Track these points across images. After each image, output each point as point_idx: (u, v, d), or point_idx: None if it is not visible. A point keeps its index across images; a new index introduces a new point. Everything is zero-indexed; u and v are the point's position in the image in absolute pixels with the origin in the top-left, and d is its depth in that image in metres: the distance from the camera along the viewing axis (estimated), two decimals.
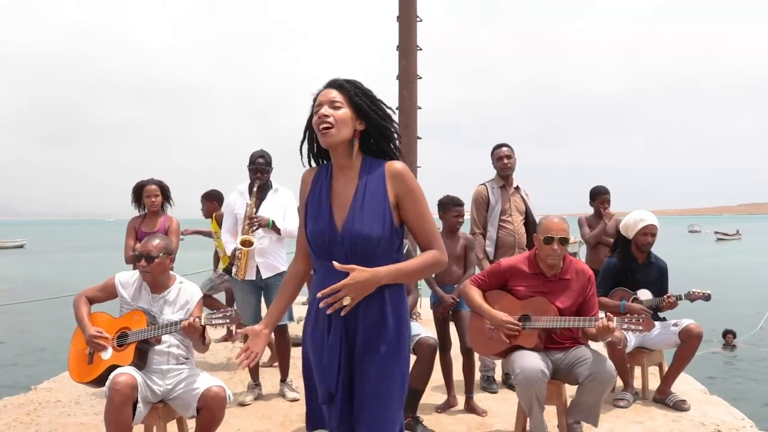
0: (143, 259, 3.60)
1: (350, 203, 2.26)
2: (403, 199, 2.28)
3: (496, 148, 5.41)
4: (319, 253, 2.30)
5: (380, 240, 2.23)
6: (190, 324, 3.32)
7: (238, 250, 4.85)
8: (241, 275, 4.88)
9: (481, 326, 3.89)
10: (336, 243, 2.24)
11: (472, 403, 4.64)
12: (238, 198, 5.06)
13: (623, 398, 4.68)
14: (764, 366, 11.07)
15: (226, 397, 3.47)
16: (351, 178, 2.30)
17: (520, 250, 5.17)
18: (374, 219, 2.23)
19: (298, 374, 5.52)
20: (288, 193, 5.16)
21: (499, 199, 5.30)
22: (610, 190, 6.23)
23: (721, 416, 4.44)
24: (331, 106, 2.24)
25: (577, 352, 3.73)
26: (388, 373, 2.25)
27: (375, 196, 2.25)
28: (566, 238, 3.75)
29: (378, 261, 2.22)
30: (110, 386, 3.25)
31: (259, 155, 5.00)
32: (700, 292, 4.68)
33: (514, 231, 5.24)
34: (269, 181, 5.07)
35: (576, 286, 3.79)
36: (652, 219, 4.80)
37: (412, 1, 8.43)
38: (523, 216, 5.34)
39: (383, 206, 2.25)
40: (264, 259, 4.93)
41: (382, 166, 2.30)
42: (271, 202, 5.00)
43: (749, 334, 12.64)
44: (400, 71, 8.40)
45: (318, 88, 2.33)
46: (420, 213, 2.30)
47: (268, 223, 4.86)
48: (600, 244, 6.07)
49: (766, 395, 9.16)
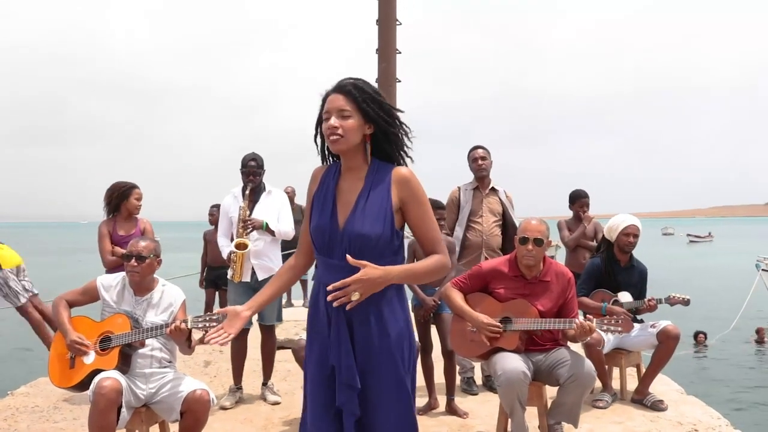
0: (134, 259, 3.58)
1: (354, 203, 2.32)
2: (408, 204, 2.33)
3: (471, 150, 5.46)
4: (320, 248, 2.36)
5: (379, 239, 2.27)
6: (176, 327, 3.31)
7: (233, 254, 4.86)
8: (237, 278, 4.90)
9: (463, 328, 3.93)
10: (336, 240, 2.30)
11: (453, 405, 4.67)
12: (232, 201, 5.07)
13: (602, 399, 4.75)
14: (734, 365, 11.29)
15: (210, 401, 3.47)
16: (358, 180, 2.35)
17: (489, 251, 5.22)
18: (375, 219, 2.27)
19: (280, 378, 5.56)
20: (281, 194, 5.18)
21: (469, 200, 5.34)
22: (573, 191, 6.34)
23: (697, 416, 4.52)
24: (339, 115, 2.26)
25: (557, 354, 3.78)
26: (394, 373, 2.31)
27: (378, 198, 2.30)
28: (541, 239, 3.80)
29: (376, 261, 2.25)
30: (95, 390, 3.23)
31: (250, 158, 5.02)
32: (679, 296, 4.78)
33: (482, 232, 5.27)
34: (262, 183, 5.09)
35: (556, 288, 3.84)
36: (633, 220, 4.92)
37: (392, 4, 8.46)
38: (498, 218, 5.36)
39: (385, 208, 2.29)
40: (259, 260, 4.93)
41: (389, 170, 2.35)
42: (264, 204, 5.02)
43: (720, 334, 12.87)
44: (380, 74, 8.43)
45: (326, 88, 2.34)
46: (424, 218, 2.35)
47: (262, 225, 4.88)
48: (579, 247, 6.13)
49: (736, 393, 9.35)
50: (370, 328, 2.29)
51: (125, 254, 3.66)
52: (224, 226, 5.11)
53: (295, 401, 4.96)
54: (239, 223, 4.90)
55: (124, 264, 3.65)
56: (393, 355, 2.31)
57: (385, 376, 2.30)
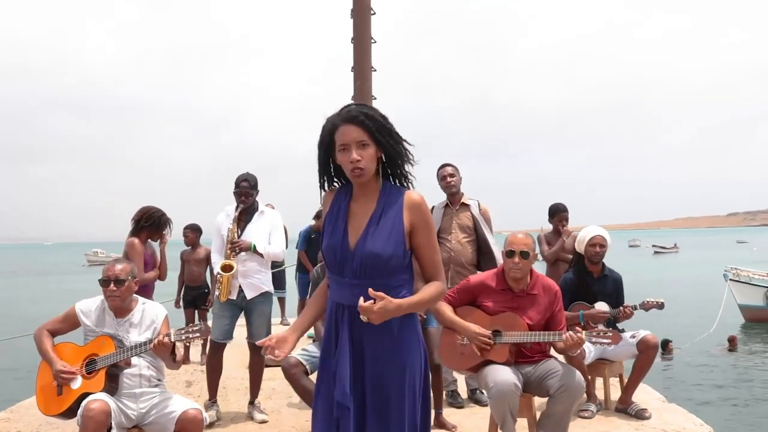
0: (112, 283, 3.57)
1: (366, 224, 2.35)
2: (418, 229, 2.38)
3: (439, 168, 5.54)
4: (332, 267, 2.40)
5: (391, 258, 2.31)
6: (159, 342, 3.29)
7: (219, 275, 4.84)
8: (223, 298, 4.87)
9: (453, 341, 3.96)
10: (347, 260, 2.33)
11: (441, 419, 4.69)
12: (225, 219, 5.05)
13: (587, 409, 4.82)
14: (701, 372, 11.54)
15: (203, 420, 3.46)
16: (370, 201, 2.39)
17: (457, 266, 5.29)
18: (387, 240, 2.32)
19: (265, 396, 5.53)
20: (274, 214, 5.18)
21: (439, 218, 5.42)
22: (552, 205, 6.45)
23: (680, 422, 4.62)
24: (358, 147, 2.30)
25: (546, 365, 3.83)
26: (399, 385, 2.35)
27: (391, 220, 2.35)
28: (527, 251, 3.87)
29: (387, 279, 2.31)
30: (83, 414, 3.21)
31: (243, 179, 5.00)
32: (653, 301, 4.87)
33: (450, 249, 5.33)
34: (255, 202, 5.07)
35: (543, 300, 3.91)
36: (599, 231, 5.04)
37: (367, 23, 8.51)
38: (469, 234, 5.41)
39: (398, 230, 2.34)
40: (247, 280, 4.91)
41: (401, 194, 2.40)
42: (256, 225, 5.00)
43: (692, 341, 13.11)
44: (356, 92, 8.47)
45: (332, 116, 2.37)
46: (431, 244, 2.42)
47: (250, 247, 4.86)
48: (559, 261, 6.24)
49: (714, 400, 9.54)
50: (382, 345, 2.34)
51: (102, 279, 3.62)
52: (217, 243, 5.08)
53: (282, 420, 4.95)
54: (227, 244, 4.89)
55: (103, 289, 3.62)
56: (409, 369, 2.36)
57: (398, 389, 2.33)
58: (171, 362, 3.54)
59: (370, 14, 7.81)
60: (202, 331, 3.41)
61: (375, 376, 2.34)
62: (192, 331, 3.42)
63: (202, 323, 3.49)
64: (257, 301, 4.95)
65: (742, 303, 16.92)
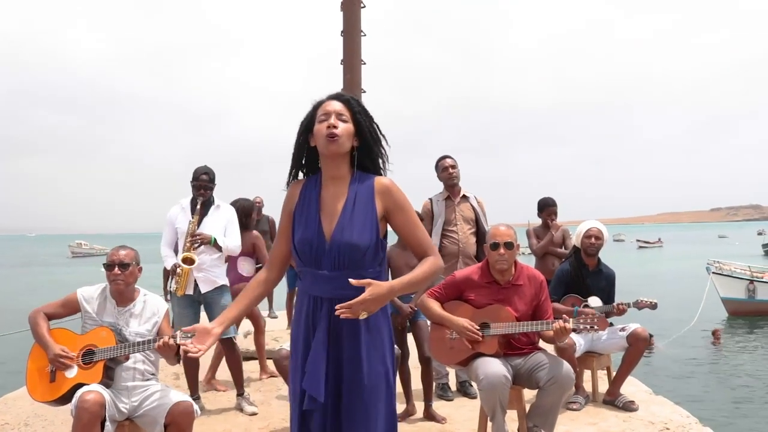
0: (116, 267, 3.55)
1: (339, 213, 2.32)
2: (393, 212, 2.37)
3: (440, 159, 5.54)
4: (307, 260, 2.34)
5: (367, 249, 2.29)
6: (165, 343, 3.27)
7: (179, 267, 4.80)
8: (181, 292, 4.84)
9: (442, 336, 3.98)
10: (324, 251, 2.29)
11: (431, 411, 4.72)
12: (180, 212, 5.01)
13: (575, 401, 4.86)
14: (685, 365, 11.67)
15: (195, 412, 3.45)
16: (341, 189, 2.36)
17: (465, 258, 5.30)
18: (362, 228, 2.29)
19: (254, 389, 5.52)
20: (229, 209, 5.16)
21: (443, 210, 5.43)
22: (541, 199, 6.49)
23: (667, 414, 4.67)
24: (338, 117, 2.30)
25: (536, 357, 3.86)
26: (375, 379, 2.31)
27: (364, 207, 2.32)
28: (511, 242, 3.91)
29: (364, 270, 2.28)
30: (77, 404, 3.18)
31: (203, 172, 4.99)
32: (647, 301, 4.91)
33: (458, 240, 5.35)
34: (212, 197, 5.05)
35: (529, 291, 3.94)
36: (594, 224, 5.11)
37: (356, 16, 8.50)
38: (472, 225, 5.45)
39: (371, 217, 2.32)
40: (203, 273, 4.89)
41: (371, 180, 2.38)
42: (213, 218, 4.98)
43: (677, 335, 13.23)
44: (345, 85, 8.45)
45: (319, 97, 2.38)
46: (411, 223, 2.40)
47: (210, 240, 4.84)
48: (548, 254, 6.28)
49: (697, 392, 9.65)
50: (360, 338, 2.30)
51: (106, 264, 3.60)
52: (169, 236, 5.03)
53: (272, 411, 4.95)
54: (187, 236, 4.84)
55: (107, 273, 3.60)
56: (385, 363, 2.35)
57: (376, 384, 2.31)
58: (173, 360, 3.51)
59: (360, 7, 7.78)
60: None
61: (353, 369, 2.28)
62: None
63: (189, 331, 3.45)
64: (213, 295, 4.92)
65: (725, 296, 17.11)
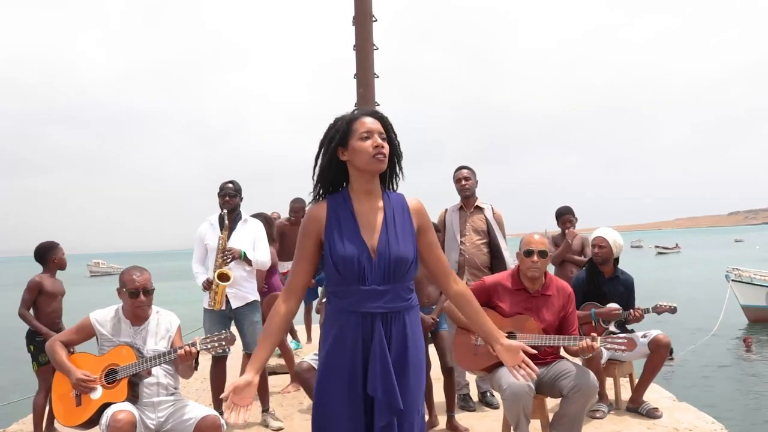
0: (141, 294, 3.60)
1: (380, 227, 2.33)
2: (423, 232, 2.43)
3: (456, 170, 5.56)
4: (352, 278, 2.28)
5: (412, 262, 2.34)
6: (186, 351, 3.30)
7: (215, 284, 4.82)
8: (218, 306, 4.86)
9: (467, 341, 3.99)
10: (372, 266, 2.28)
11: (453, 422, 4.71)
12: (209, 229, 5.05)
13: (599, 409, 4.83)
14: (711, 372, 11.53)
15: (222, 426, 3.47)
16: (375, 204, 2.38)
17: (472, 269, 5.30)
18: (405, 242, 2.34)
19: (276, 403, 5.54)
20: (257, 223, 5.18)
21: (456, 220, 5.45)
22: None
23: (692, 421, 4.63)
24: (380, 137, 2.32)
25: (559, 366, 3.86)
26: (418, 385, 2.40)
27: (402, 221, 2.37)
28: (545, 250, 3.93)
29: (408, 283, 2.35)
30: (110, 424, 3.21)
31: (228, 182, 5.06)
32: (666, 305, 4.87)
33: (465, 251, 5.36)
34: (239, 211, 5.09)
35: (557, 302, 3.95)
36: (600, 232, 5.08)
37: (369, 30, 8.56)
38: (483, 236, 5.42)
39: (411, 231, 2.38)
40: (234, 289, 4.91)
41: (400, 197, 2.44)
42: (241, 233, 5.01)
43: (688, 348, 13.04)
44: (358, 99, 8.51)
45: (351, 112, 2.37)
46: (435, 244, 2.48)
47: (241, 254, 4.88)
48: (566, 262, 6.28)
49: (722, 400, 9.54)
50: (408, 350, 2.33)
51: (131, 291, 3.62)
52: (199, 253, 5.07)
53: (294, 426, 4.96)
54: (218, 253, 4.87)
55: (131, 301, 3.62)
56: (422, 370, 2.41)
57: (415, 392, 2.35)
58: (189, 371, 3.56)
59: (372, 21, 7.85)
60: (228, 339, 3.41)
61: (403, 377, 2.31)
62: (218, 339, 3.41)
63: (227, 331, 3.50)
64: (244, 311, 4.95)
65: (745, 304, 16.92)
